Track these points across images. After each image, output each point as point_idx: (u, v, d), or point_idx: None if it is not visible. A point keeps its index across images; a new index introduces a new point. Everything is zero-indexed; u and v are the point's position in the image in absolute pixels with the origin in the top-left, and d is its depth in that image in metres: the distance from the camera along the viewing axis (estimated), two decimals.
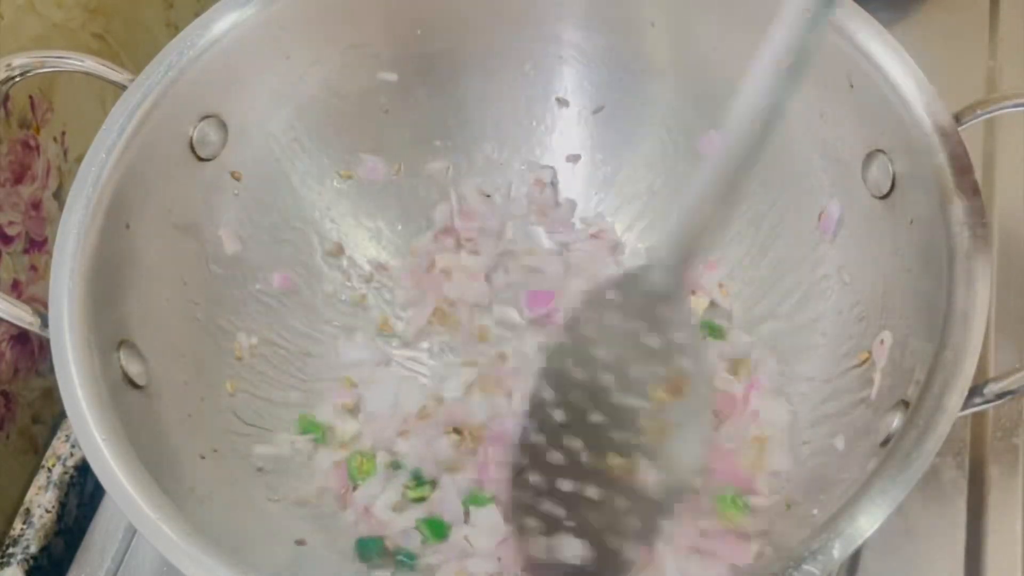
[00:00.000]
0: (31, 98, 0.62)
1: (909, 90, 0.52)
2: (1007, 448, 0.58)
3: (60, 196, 0.65)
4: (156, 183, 0.56)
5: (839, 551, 0.43)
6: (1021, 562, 0.55)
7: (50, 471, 0.62)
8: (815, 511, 0.49)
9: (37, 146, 0.63)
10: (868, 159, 0.55)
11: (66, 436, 0.63)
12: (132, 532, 0.60)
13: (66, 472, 0.62)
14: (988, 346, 0.60)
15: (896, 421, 0.47)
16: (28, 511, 0.61)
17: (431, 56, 0.65)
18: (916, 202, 0.52)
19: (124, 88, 0.55)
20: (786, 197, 0.61)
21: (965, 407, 0.45)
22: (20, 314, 0.51)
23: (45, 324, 0.50)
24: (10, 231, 0.62)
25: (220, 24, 0.57)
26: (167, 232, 0.57)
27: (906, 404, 0.47)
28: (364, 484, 0.58)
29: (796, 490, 0.53)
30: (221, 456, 0.55)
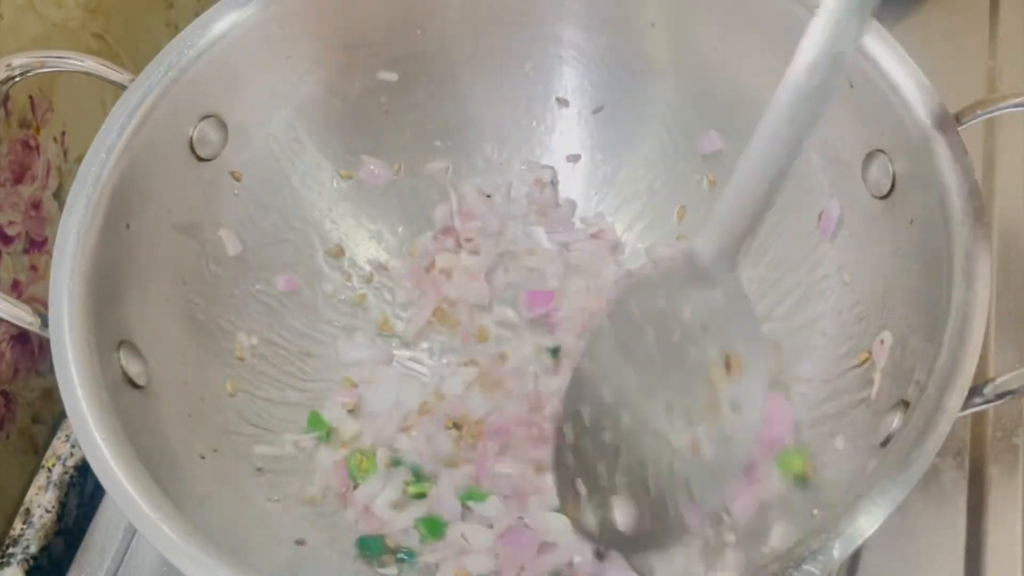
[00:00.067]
0: (31, 98, 0.62)
1: (909, 90, 0.52)
2: (1007, 448, 0.58)
3: (60, 196, 0.65)
4: (156, 183, 0.56)
5: (839, 551, 0.43)
6: (1021, 562, 0.55)
7: (50, 471, 0.62)
8: (815, 511, 0.49)
9: (37, 146, 0.63)
10: (868, 159, 0.55)
11: (66, 436, 0.63)
12: (132, 532, 0.60)
13: (66, 472, 0.62)
14: (988, 346, 0.60)
15: (896, 421, 0.47)
16: (28, 511, 0.61)
17: (431, 56, 0.65)
18: (916, 202, 0.52)
19: (124, 88, 0.55)
20: (786, 197, 0.60)
21: (965, 407, 0.45)
22: (20, 314, 0.51)
23: (45, 324, 0.50)
24: (10, 231, 0.62)
25: (220, 24, 0.57)
26: (167, 232, 0.57)
27: (906, 404, 0.47)
28: (364, 482, 0.58)
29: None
30: (221, 456, 0.55)
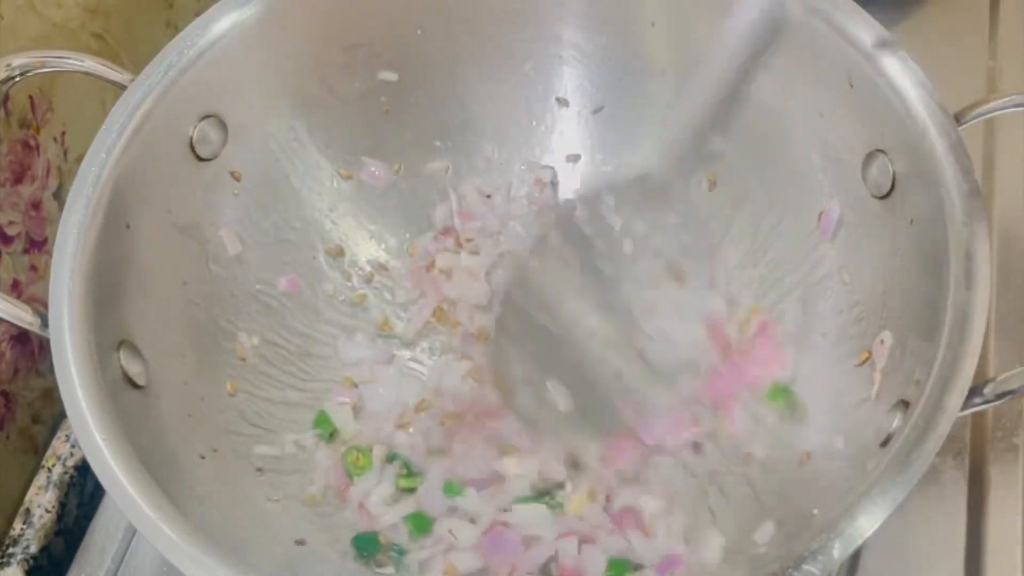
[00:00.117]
0: (31, 98, 0.62)
1: (909, 90, 0.52)
2: (1007, 448, 0.58)
3: (60, 196, 0.65)
4: (156, 183, 0.56)
5: (839, 551, 0.43)
6: (1021, 562, 0.55)
7: (50, 471, 0.62)
8: (815, 511, 0.49)
9: (37, 146, 0.63)
10: (868, 159, 0.55)
11: (66, 436, 0.63)
12: (132, 532, 0.60)
13: (66, 472, 0.62)
14: (988, 346, 0.60)
15: (896, 421, 0.47)
16: (28, 511, 0.61)
17: (431, 56, 0.65)
18: (916, 202, 0.52)
19: (124, 88, 0.55)
20: (786, 197, 0.61)
21: (965, 407, 0.45)
22: (20, 314, 0.51)
23: (45, 324, 0.50)
24: (10, 231, 0.62)
25: (220, 24, 0.57)
26: (167, 232, 0.57)
27: (906, 404, 0.47)
28: (361, 479, 0.58)
29: (794, 488, 0.54)
30: (221, 456, 0.55)
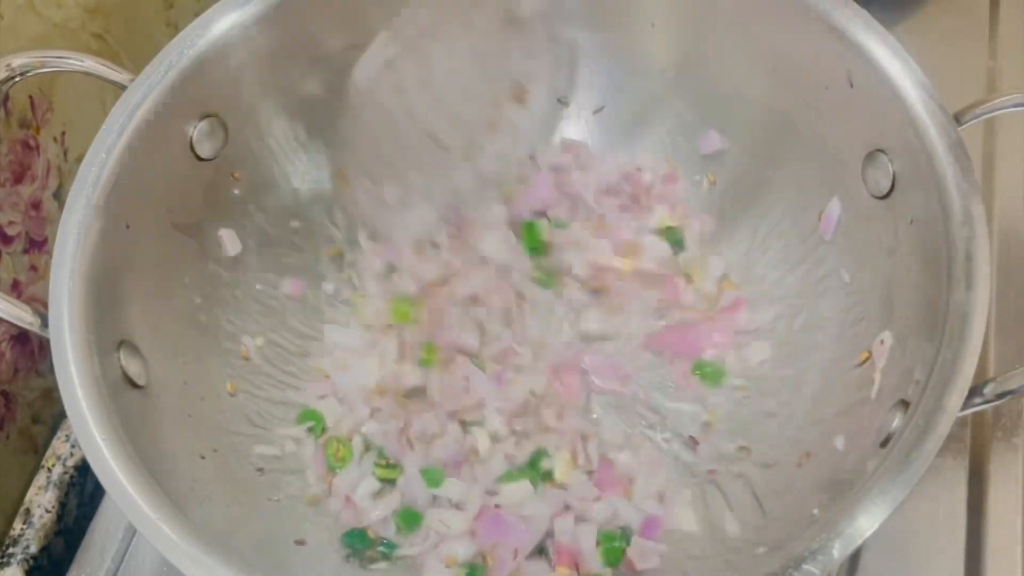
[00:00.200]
0: (31, 98, 0.62)
1: (909, 90, 0.52)
2: (1007, 448, 0.58)
3: (60, 196, 0.65)
4: (156, 183, 0.56)
5: (839, 551, 0.43)
6: (1021, 562, 0.55)
7: (50, 471, 0.62)
8: (815, 511, 0.49)
9: (37, 146, 0.63)
10: (868, 159, 0.55)
11: (66, 436, 0.63)
12: (132, 532, 0.60)
13: (66, 472, 0.62)
14: (988, 346, 0.60)
15: (896, 421, 0.47)
16: (28, 511, 0.61)
17: None
18: (916, 202, 0.52)
19: (124, 88, 0.55)
20: (786, 197, 0.61)
21: (965, 407, 0.45)
22: (20, 314, 0.51)
23: (45, 324, 0.50)
24: (10, 231, 0.62)
25: (220, 24, 0.57)
26: (167, 232, 0.57)
27: (906, 404, 0.47)
28: (343, 470, 0.58)
29: (792, 483, 0.54)
30: (221, 456, 0.55)
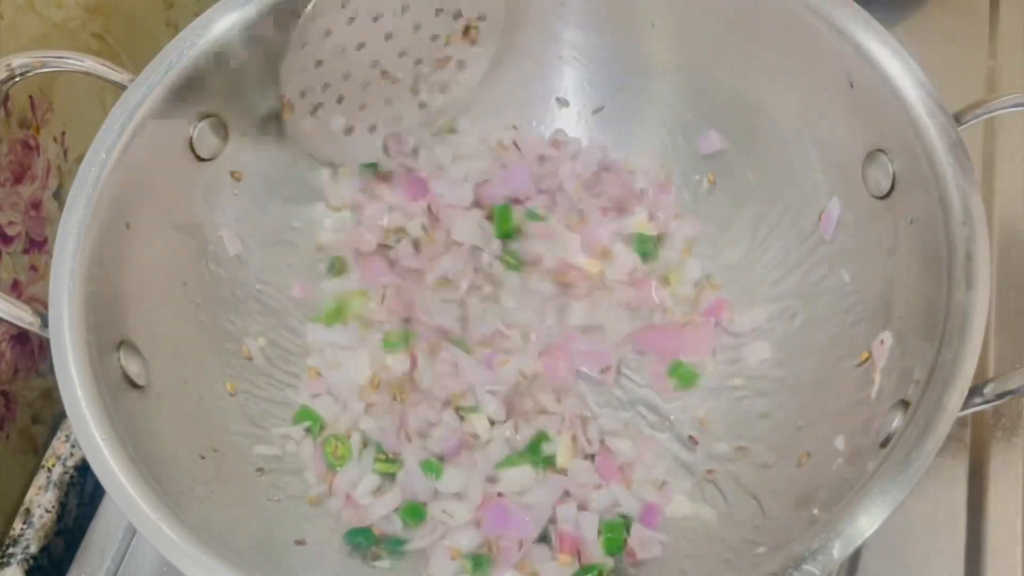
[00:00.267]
0: (31, 98, 0.62)
1: (909, 90, 0.52)
2: (1007, 448, 0.58)
3: (60, 196, 0.65)
4: (156, 183, 0.56)
5: (839, 551, 0.43)
6: (1021, 562, 0.55)
7: (50, 471, 0.62)
8: (815, 511, 0.49)
9: (37, 146, 0.63)
10: (868, 159, 0.55)
11: (66, 436, 0.63)
12: (132, 532, 0.60)
13: (66, 472, 0.62)
14: (988, 346, 0.60)
15: (896, 421, 0.47)
16: (28, 511, 0.61)
17: None
18: (916, 202, 0.52)
19: (124, 88, 0.55)
20: (786, 197, 0.61)
21: (965, 407, 0.45)
22: (20, 314, 0.51)
23: (45, 324, 0.50)
24: (10, 231, 0.62)
25: (220, 24, 0.57)
26: (167, 232, 0.57)
27: (906, 404, 0.47)
28: (343, 469, 0.58)
29: (792, 483, 0.54)
30: (221, 456, 0.55)
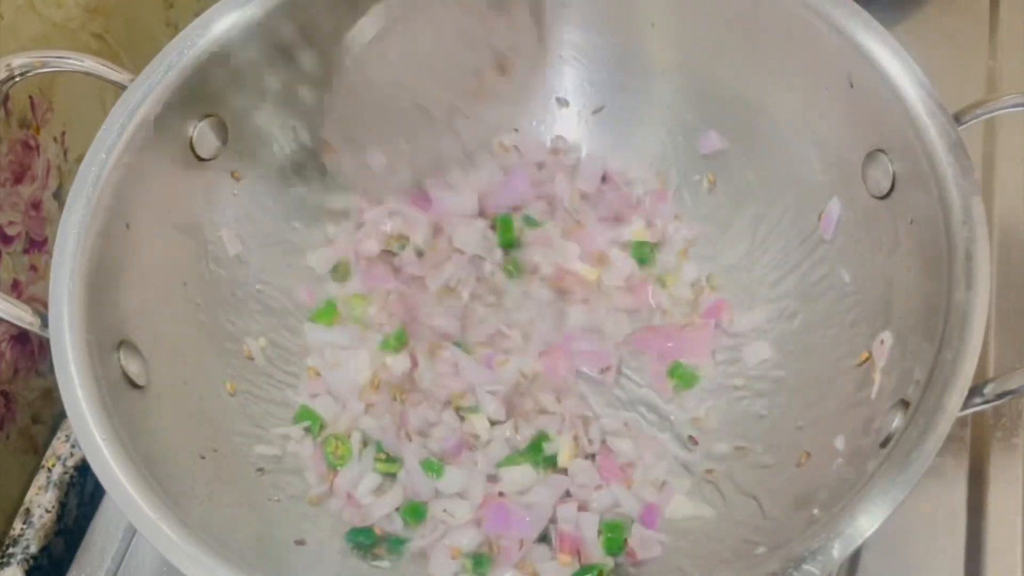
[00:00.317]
0: (31, 98, 0.62)
1: (909, 90, 0.52)
2: (1007, 448, 0.58)
3: (60, 196, 0.65)
4: (156, 183, 0.56)
5: (839, 551, 0.43)
6: (1021, 562, 0.55)
7: (50, 471, 0.62)
8: (815, 511, 0.49)
9: (37, 146, 0.63)
10: (868, 159, 0.55)
11: (66, 436, 0.63)
12: (132, 532, 0.60)
13: (66, 472, 0.62)
14: (988, 346, 0.60)
15: (896, 421, 0.47)
16: (28, 511, 0.61)
17: None
18: (916, 202, 0.52)
19: (124, 88, 0.55)
20: (786, 197, 0.61)
21: (965, 407, 0.45)
22: (20, 314, 0.51)
23: (45, 324, 0.50)
24: (10, 231, 0.62)
25: (220, 24, 0.57)
26: (167, 232, 0.57)
27: (906, 404, 0.47)
28: (344, 468, 0.58)
29: (792, 483, 0.54)
30: (221, 456, 0.55)
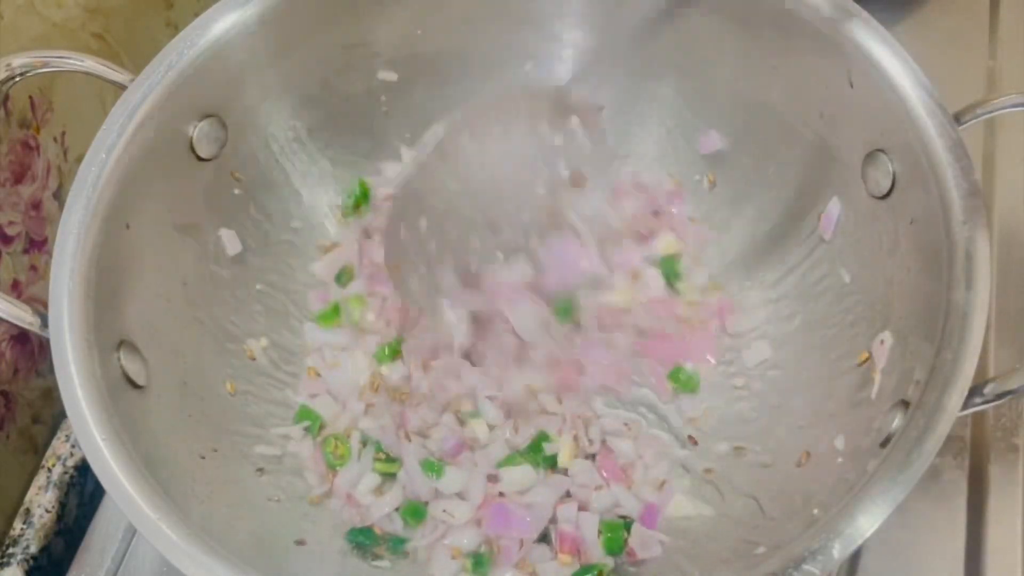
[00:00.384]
0: (31, 98, 0.62)
1: (909, 90, 0.52)
2: (1007, 448, 0.58)
3: (60, 196, 0.65)
4: (156, 183, 0.56)
5: (839, 551, 0.43)
6: (1021, 562, 0.55)
7: (50, 471, 0.62)
8: (815, 511, 0.49)
9: (37, 146, 0.63)
10: (868, 159, 0.55)
11: (66, 436, 0.63)
12: (132, 532, 0.60)
13: (66, 472, 0.62)
14: (988, 346, 0.60)
15: (896, 421, 0.47)
16: (28, 511, 0.61)
17: (431, 56, 0.65)
18: (916, 202, 0.52)
19: (124, 88, 0.55)
20: (786, 197, 0.61)
21: (965, 407, 0.45)
22: (20, 314, 0.51)
23: (45, 324, 0.50)
24: (10, 231, 0.62)
25: (220, 24, 0.57)
26: (167, 232, 0.57)
27: (906, 404, 0.47)
28: (343, 468, 0.58)
29: (792, 483, 0.54)
30: (221, 456, 0.55)
